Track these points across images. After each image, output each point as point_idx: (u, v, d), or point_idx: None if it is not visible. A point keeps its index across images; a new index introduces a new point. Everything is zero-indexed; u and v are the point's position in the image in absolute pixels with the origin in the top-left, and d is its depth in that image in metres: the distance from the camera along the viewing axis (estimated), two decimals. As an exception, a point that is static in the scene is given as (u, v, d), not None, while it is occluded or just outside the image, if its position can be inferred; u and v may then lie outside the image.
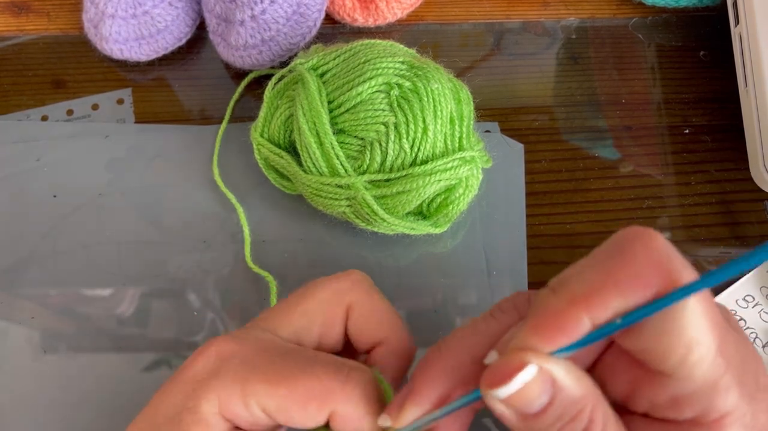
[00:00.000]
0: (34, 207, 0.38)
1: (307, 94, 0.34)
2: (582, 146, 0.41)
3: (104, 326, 0.36)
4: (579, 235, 0.38)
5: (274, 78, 0.37)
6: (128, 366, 0.35)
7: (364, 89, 0.33)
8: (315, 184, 0.34)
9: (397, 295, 0.36)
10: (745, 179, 0.38)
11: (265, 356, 0.23)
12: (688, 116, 0.42)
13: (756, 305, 0.36)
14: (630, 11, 0.45)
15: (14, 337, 0.35)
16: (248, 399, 0.22)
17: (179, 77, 0.43)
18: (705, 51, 0.44)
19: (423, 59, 0.35)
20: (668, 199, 0.39)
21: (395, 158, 0.33)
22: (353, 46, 0.36)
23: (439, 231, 0.36)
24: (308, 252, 0.37)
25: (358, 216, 0.35)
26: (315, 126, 0.33)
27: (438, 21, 0.45)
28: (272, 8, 0.39)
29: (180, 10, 0.42)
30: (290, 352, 0.23)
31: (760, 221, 0.39)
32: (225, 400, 0.22)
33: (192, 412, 0.22)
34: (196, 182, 0.39)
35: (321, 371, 0.22)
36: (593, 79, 0.43)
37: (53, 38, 0.44)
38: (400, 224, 0.34)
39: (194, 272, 0.37)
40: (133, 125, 0.41)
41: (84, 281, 0.37)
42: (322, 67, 0.35)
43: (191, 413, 0.22)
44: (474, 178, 0.35)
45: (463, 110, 0.35)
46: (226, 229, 0.38)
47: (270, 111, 0.36)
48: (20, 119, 0.41)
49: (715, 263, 0.38)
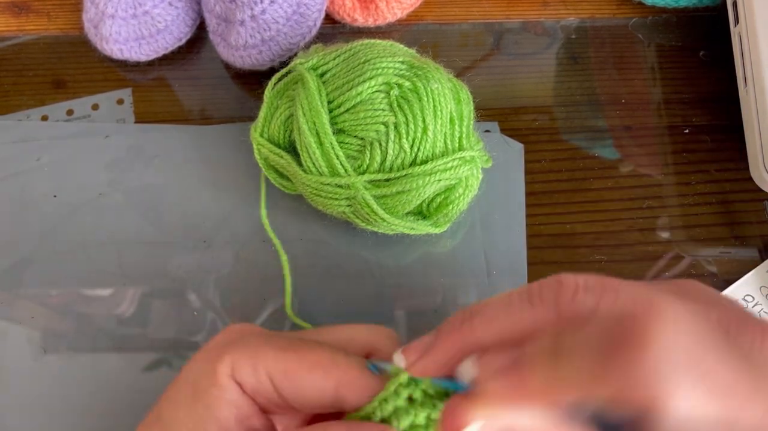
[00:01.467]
0: (35, 207, 0.38)
1: (307, 94, 0.34)
2: (582, 145, 0.41)
3: (104, 326, 0.36)
4: (579, 235, 0.38)
5: (274, 78, 0.37)
6: (128, 366, 0.35)
7: (364, 89, 0.33)
8: (315, 184, 0.34)
9: (397, 295, 0.36)
10: (745, 178, 0.38)
11: (282, 336, 0.25)
12: (687, 116, 0.42)
13: (756, 304, 0.36)
14: (630, 11, 0.45)
15: (14, 337, 0.35)
16: (257, 363, 0.23)
17: (179, 77, 0.43)
18: (705, 51, 0.44)
19: (423, 59, 0.35)
20: (668, 199, 0.39)
21: (395, 157, 0.33)
22: (353, 46, 0.36)
23: (439, 231, 0.36)
24: (308, 252, 0.37)
25: (358, 216, 0.35)
26: (315, 126, 0.33)
27: (438, 21, 0.45)
28: (272, 8, 0.39)
29: (180, 10, 0.42)
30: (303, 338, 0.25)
31: (760, 221, 0.39)
32: (237, 363, 0.23)
33: (208, 376, 0.23)
34: (196, 182, 0.39)
35: (327, 347, 0.24)
36: (593, 79, 0.43)
37: (53, 38, 0.44)
38: (400, 224, 0.34)
39: (194, 272, 0.37)
40: (133, 125, 0.41)
41: (84, 281, 0.37)
42: (322, 67, 0.35)
43: (208, 376, 0.23)
44: (474, 178, 0.35)
45: (463, 110, 0.35)
46: (226, 229, 0.38)
47: (270, 111, 0.36)
48: (20, 119, 0.41)
49: (715, 263, 0.38)
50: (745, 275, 0.37)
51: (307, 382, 0.23)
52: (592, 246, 0.38)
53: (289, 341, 0.24)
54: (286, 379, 0.23)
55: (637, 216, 0.39)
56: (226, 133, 0.40)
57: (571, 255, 0.38)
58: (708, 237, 0.38)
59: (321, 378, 0.23)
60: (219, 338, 0.25)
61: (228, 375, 0.23)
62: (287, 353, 0.23)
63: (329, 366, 0.23)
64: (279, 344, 0.24)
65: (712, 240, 0.38)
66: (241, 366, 0.23)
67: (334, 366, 0.23)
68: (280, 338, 0.25)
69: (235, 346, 0.24)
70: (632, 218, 0.39)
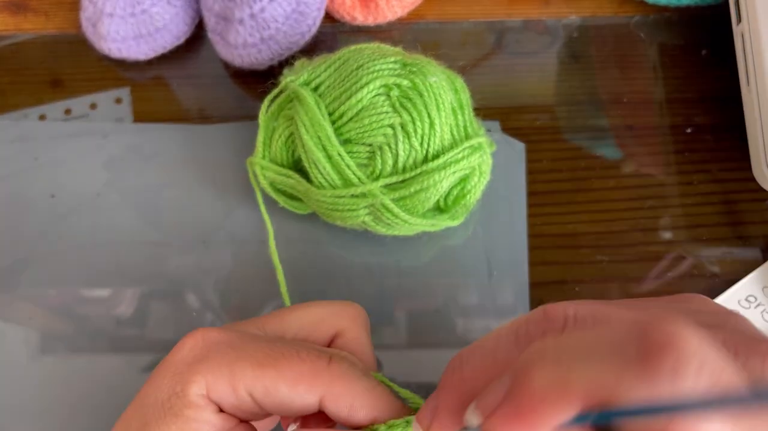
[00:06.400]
0: (32, 207, 0.38)
1: (307, 110, 0.33)
2: (584, 145, 0.41)
3: (103, 326, 0.35)
4: (580, 235, 0.38)
5: (267, 100, 0.36)
6: (127, 367, 0.34)
7: (364, 95, 0.33)
8: (330, 198, 0.33)
9: (397, 295, 0.36)
10: (748, 178, 0.38)
11: (252, 342, 0.24)
12: (690, 115, 0.42)
13: (758, 305, 0.36)
14: (632, 10, 0.45)
15: (12, 338, 0.35)
16: (236, 382, 0.22)
17: (178, 76, 0.43)
18: (707, 50, 0.44)
19: (413, 55, 0.35)
20: (670, 199, 0.39)
21: (407, 157, 0.33)
22: (341, 54, 0.35)
23: (456, 223, 0.36)
24: (306, 253, 0.37)
25: (379, 223, 0.34)
26: (320, 140, 0.33)
27: (438, 19, 0.45)
28: (271, 7, 0.39)
29: (179, 9, 0.42)
30: (275, 340, 0.24)
31: (763, 220, 0.39)
32: (212, 383, 0.22)
33: (180, 396, 0.22)
34: (195, 182, 0.39)
35: (305, 355, 0.23)
36: (595, 78, 0.43)
37: (51, 37, 0.44)
38: (422, 223, 0.34)
39: (193, 273, 0.36)
40: (132, 124, 0.41)
41: (82, 281, 0.36)
42: (314, 80, 0.35)
43: (179, 397, 0.22)
44: (485, 164, 0.35)
45: (462, 99, 0.35)
46: (225, 229, 0.38)
47: (268, 134, 0.36)
48: (18, 119, 0.41)
49: (717, 264, 0.38)
50: (748, 276, 0.37)
51: (292, 396, 0.22)
52: (593, 246, 0.38)
53: (264, 351, 0.23)
54: (268, 397, 0.22)
55: (639, 216, 0.39)
56: (225, 132, 0.40)
57: (572, 256, 0.38)
58: (710, 237, 0.38)
59: (304, 391, 0.22)
60: (185, 353, 0.24)
61: (202, 395, 0.22)
62: (266, 369, 0.22)
63: (311, 379, 0.23)
64: (255, 357, 0.23)
65: (714, 240, 0.38)
66: (217, 386, 0.22)
67: (317, 379, 0.23)
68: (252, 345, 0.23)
69: (206, 364, 0.23)
70: (634, 218, 0.39)
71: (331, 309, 0.27)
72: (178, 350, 0.24)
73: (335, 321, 0.26)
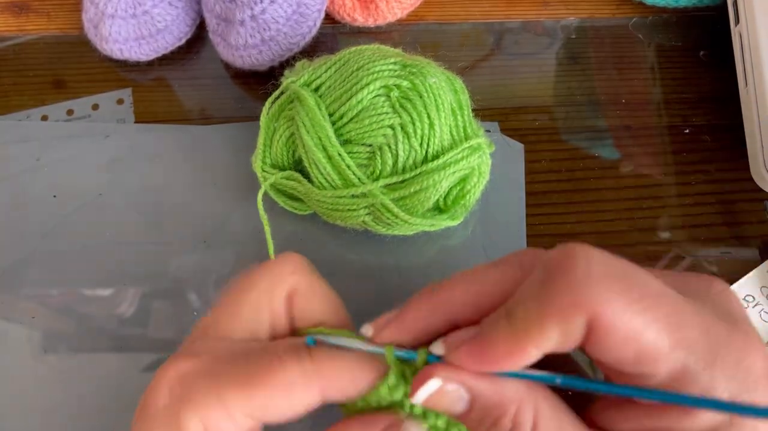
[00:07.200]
0: (35, 207, 0.38)
1: (307, 110, 0.34)
2: (582, 145, 0.41)
3: (105, 326, 0.36)
4: (579, 235, 0.38)
5: (268, 102, 0.36)
6: (128, 366, 0.35)
7: (364, 96, 0.33)
8: (330, 199, 0.34)
9: (397, 295, 0.36)
10: (746, 178, 0.38)
11: (228, 363, 0.22)
12: (688, 116, 0.42)
13: (756, 305, 0.36)
14: (630, 11, 0.45)
15: (14, 337, 0.35)
16: (231, 410, 0.21)
17: (179, 77, 0.43)
18: (705, 50, 0.44)
19: (413, 56, 0.35)
20: (668, 199, 0.39)
21: (406, 158, 0.33)
22: (341, 55, 0.35)
23: (455, 223, 0.36)
24: (307, 253, 0.37)
25: (379, 223, 0.35)
26: (321, 141, 0.33)
27: (438, 21, 0.45)
28: (272, 8, 0.39)
29: (180, 10, 0.42)
30: (251, 351, 0.23)
31: (761, 220, 0.39)
32: (207, 419, 0.21)
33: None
34: (196, 182, 0.39)
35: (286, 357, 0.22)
36: (593, 79, 0.43)
37: (53, 38, 0.44)
38: (421, 223, 0.34)
39: (195, 272, 0.37)
40: (133, 125, 0.41)
41: (84, 281, 0.37)
42: (314, 81, 0.35)
43: None
44: (485, 164, 0.35)
45: (461, 99, 0.35)
46: (226, 229, 0.38)
47: (268, 135, 0.36)
48: (20, 119, 0.41)
49: (715, 264, 0.38)
50: (746, 276, 0.37)
51: (290, 405, 0.22)
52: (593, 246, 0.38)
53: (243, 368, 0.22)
54: (267, 412, 0.22)
55: (638, 216, 0.39)
56: (226, 133, 0.40)
57: (571, 255, 0.38)
58: (708, 237, 0.38)
59: (301, 394, 0.22)
60: (165, 399, 0.22)
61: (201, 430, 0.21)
62: (255, 388, 0.21)
63: (304, 382, 0.22)
64: (238, 379, 0.21)
65: (712, 240, 0.38)
66: (213, 419, 0.21)
67: (308, 379, 0.22)
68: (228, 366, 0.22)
69: (193, 403, 0.21)
70: (632, 218, 0.39)
71: (274, 276, 0.25)
72: (156, 396, 0.22)
73: (286, 284, 0.25)
